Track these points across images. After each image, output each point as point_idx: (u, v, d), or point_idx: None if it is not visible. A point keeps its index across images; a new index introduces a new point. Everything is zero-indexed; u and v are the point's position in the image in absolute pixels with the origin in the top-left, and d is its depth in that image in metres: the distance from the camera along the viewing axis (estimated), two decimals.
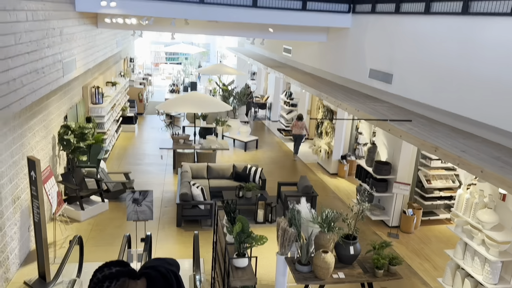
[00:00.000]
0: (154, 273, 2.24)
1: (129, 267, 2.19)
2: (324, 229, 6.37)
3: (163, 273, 2.26)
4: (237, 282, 4.26)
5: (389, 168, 8.93)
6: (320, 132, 12.65)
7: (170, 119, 16.01)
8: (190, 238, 8.18)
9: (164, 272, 2.27)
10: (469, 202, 6.29)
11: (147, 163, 12.22)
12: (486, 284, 5.82)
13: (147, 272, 2.24)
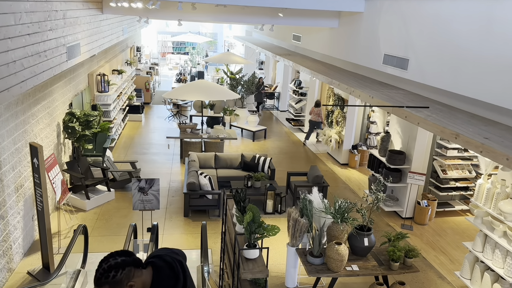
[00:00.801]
0: (160, 262, 2.25)
1: (134, 257, 2.19)
2: (337, 220, 6.12)
3: (169, 262, 2.27)
4: (247, 274, 4.02)
5: (403, 157, 8.62)
6: (330, 121, 12.33)
7: (177, 109, 15.78)
8: (197, 228, 7.98)
9: (170, 261, 2.28)
10: (490, 193, 5.98)
11: (154, 153, 12.02)
12: (508, 278, 5.54)
13: (153, 261, 2.25)
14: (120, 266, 2.11)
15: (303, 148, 13.31)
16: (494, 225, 5.84)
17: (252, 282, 4.34)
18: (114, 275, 2.10)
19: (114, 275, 2.10)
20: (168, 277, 2.26)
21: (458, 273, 6.60)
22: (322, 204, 6.24)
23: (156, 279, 2.22)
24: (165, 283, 2.23)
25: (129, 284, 2.12)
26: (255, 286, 4.28)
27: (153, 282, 2.21)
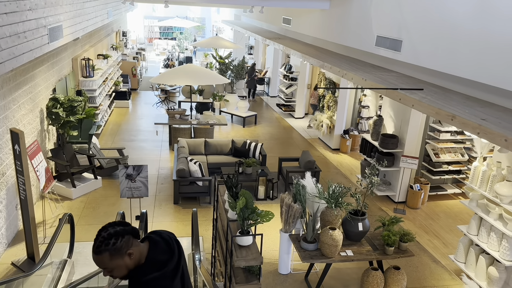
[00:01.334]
0: (157, 237, 2.33)
1: (132, 227, 2.25)
2: (331, 205, 5.99)
3: (165, 238, 2.36)
4: (241, 262, 3.87)
5: (396, 141, 8.51)
6: (322, 106, 12.17)
7: (165, 95, 15.45)
8: (188, 215, 7.81)
9: (166, 238, 2.37)
10: (486, 175, 5.90)
11: (142, 139, 11.75)
12: (503, 261, 5.49)
13: (150, 236, 2.34)
14: (120, 234, 2.15)
15: (294, 133, 13.15)
16: (489, 208, 5.77)
17: (246, 269, 4.20)
18: (114, 242, 2.13)
19: (114, 242, 2.13)
20: (164, 251, 2.32)
21: (453, 256, 6.56)
22: (315, 189, 6.10)
23: (152, 252, 2.27)
24: (160, 257, 2.28)
25: (128, 252, 2.17)
26: (249, 274, 4.14)
27: (149, 254, 2.26)
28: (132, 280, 2.26)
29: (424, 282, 6.31)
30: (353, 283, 6.19)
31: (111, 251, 2.13)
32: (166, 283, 2.27)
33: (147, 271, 2.24)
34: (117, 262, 2.16)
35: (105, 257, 2.13)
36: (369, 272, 5.72)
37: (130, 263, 2.20)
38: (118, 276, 2.23)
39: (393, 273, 5.73)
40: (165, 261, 2.30)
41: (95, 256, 2.15)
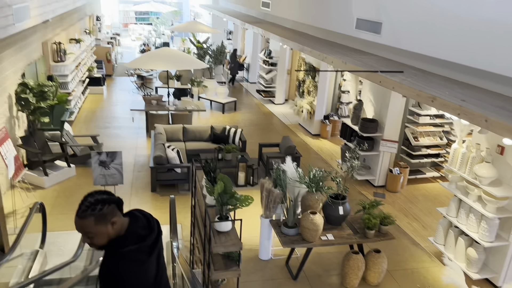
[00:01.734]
0: (138, 214, 2.41)
1: (118, 197, 2.33)
2: (312, 189, 5.91)
3: (145, 215, 2.44)
4: (220, 248, 3.73)
5: (375, 125, 8.47)
6: (302, 91, 12.05)
7: (141, 81, 15.04)
8: (166, 203, 7.58)
9: (148, 216, 2.46)
10: (465, 157, 5.90)
11: (118, 126, 11.40)
12: (482, 242, 5.52)
13: (131, 211, 2.41)
14: (106, 201, 2.20)
15: (274, 119, 13.02)
16: (468, 190, 5.79)
17: (225, 256, 4.07)
18: (100, 208, 2.16)
19: (100, 208, 2.16)
20: (144, 227, 2.37)
21: (432, 239, 6.59)
22: (296, 174, 5.99)
23: (132, 225, 2.32)
24: (140, 231, 2.33)
25: (112, 221, 2.21)
26: (228, 260, 4.01)
27: (129, 227, 2.30)
28: (109, 251, 2.27)
29: (404, 264, 6.33)
30: (334, 267, 6.16)
31: (96, 217, 2.15)
32: (142, 257, 2.30)
33: (126, 243, 2.26)
34: (100, 229, 2.18)
35: (89, 222, 2.15)
36: (350, 255, 5.69)
37: (111, 232, 2.23)
38: (98, 244, 2.23)
39: (374, 256, 5.72)
40: (144, 236, 2.33)
41: (79, 220, 2.16)
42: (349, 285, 5.72)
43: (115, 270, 2.25)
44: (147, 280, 2.35)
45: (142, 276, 2.31)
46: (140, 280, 2.29)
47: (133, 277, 2.26)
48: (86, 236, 2.21)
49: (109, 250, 2.27)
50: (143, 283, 2.31)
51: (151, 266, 2.39)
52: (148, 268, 2.36)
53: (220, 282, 4.18)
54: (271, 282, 5.75)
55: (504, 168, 5.58)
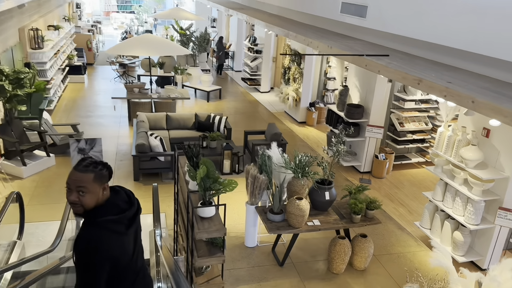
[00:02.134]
0: (120, 189, 2.46)
1: None
2: (297, 175, 5.81)
3: (128, 192, 2.48)
4: (203, 234, 3.61)
5: (361, 111, 8.41)
6: (287, 78, 11.92)
7: (123, 69, 14.70)
8: (149, 192, 7.41)
9: (129, 193, 2.50)
10: (451, 140, 5.87)
11: (99, 115, 11.12)
12: (468, 225, 5.52)
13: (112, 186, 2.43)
14: (106, 166, 2.33)
15: (259, 107, 12.87)
16: (454, 173, 5.77)
17: (209, 242, 3.95)
18: (101, 169, 2.27)
19: (101, 169, 2.27)
20: (124, 201, 2.41)
21: (418, 223, 6.59)
22: (282, 159, 5.89)
23: (112, 198, 2.36)
24: (120, 204, 2.37)
25: (104, 186, 2.29)
26: (212, 247, 3.89)
27: (110, 199, 2.35)
28: (88, 219, 2.28)
29: (390, 249, 6.31)
30: (321, 253, 6.10)
31: (96, 174, 2.23)
32: (121, 229, 2.31)
33: (105, 212, 2.28)
34: (95, 188, 2.23)
35: (88, 177, 2.21)
36: (336, 241, 5.63)
37: (100, 197, 2.28)
38: (85, 204, 2.24)
39: (360, 241, 5.67)
40: (124, 209, 2.37)
41: (79, 174, 2.21)
42: (336, 270, 5.68)
43: (93, 239, 2.22)
44: (124, 255, 2.33)
45: (119, 248, 2.30)
46: (116, 252, 2.27)
47: (110, 248, 2.24)
48: (79, 191, 2.21)
49: (88, 219, 2.28)
50: (119, 256, 2.29)
51: (128, 240, 2.39)
52: (125, 242, 2.35)
53: (204, 269, 4.07)
54: (257, 269, 5.67)
55: (490, 151, 5.56)
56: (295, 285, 5.43)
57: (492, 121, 4.67)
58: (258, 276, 5.53)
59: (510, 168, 5.30)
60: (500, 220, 5.04)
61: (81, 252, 2.22)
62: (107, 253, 2.22)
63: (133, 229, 2.43)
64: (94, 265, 2.20)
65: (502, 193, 5.40)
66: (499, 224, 5.07)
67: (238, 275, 5.53)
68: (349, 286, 5.48)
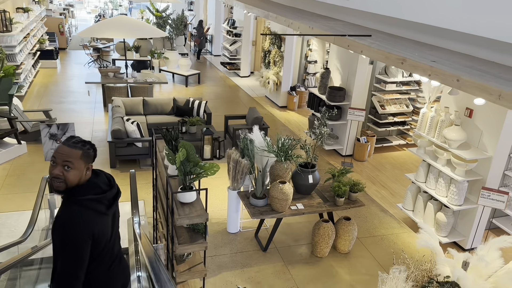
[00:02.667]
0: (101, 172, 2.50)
1: None
2: (280, 158, 5.67)
3: (106, 174, 2.52)
4: (184, 220, 3.43)
5: (343, 93, 8.30)
6: (267, 62, 11.70)
7: (97, 53, 14.18)
8: (126, 179, 7.13)
9: (109, 176, 2.53)
10: (434, 121, 5.82)
11: (73, 101, 10.70)
12: (452, 206, 5.51)
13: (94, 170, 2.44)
14: (93, 147, 2.37)
15: (240, 92, 12.65)
16: (437, 154, 5.73)
17: (190, 228, 3.78)
18: (89, 148, 2.33)
19: (89, 148, 2.33)
20: (104, 183, 2.44)
21: (401, 205, 6.57)
22: (264, 143, 5.74)
23: (93, 179, 2.39)
24: (101, 185, 2.40)
25: (88, 166, 2.34)
26: (194, 233, 3.73)
27: (91, 180, 2.37)
28: (68, 198, 2.28)
29: (373, 231, 6.28)
30: (304, 237, 6.02)
31: (84, 152, 2.28)
32: (101, 208, 2.33)
33: (87, 191, 2.31)
34: (80, 165, 2.27)
35: (76, 153, 2.25)
36: (320, 224, 5.55)
37: (83, 176, 2.31)
38: (69, 180, 2.25)
39: (344, 224, 5.61)
40: (105, 190, 2.40)
41: (67, 148, 2.24)
42: (320, 254, 5.61)
43: (73, 217, 2.22)
44: (103, 236, 2.35)
45: (99, 227, 2.31)
46: (97, 231, 2.28)
47: (91, 225, 2.25)
48: (65, 166, 2.23)
49: (69, 198, 2.29)
50: (99, 236, 2.30)
51: (107, 222, 2.40)
52: (105, 222, 2.37)
53: (186, 257, 3.90)
54: (240, 255, 5.54)
55: (473, 131, 5.54)
56: (279, 269, 5.34)
57: (477, 100, 4.62)
58: (241, 262, 5.41)
59: (492, 148, 5.30)
60: (483, 200, 5.04)
61: (62, 231, 2.20)
62: (88, 231, 2.24)
63: (112, 211, 2.47)
64: (75, 244, 2.19)
65: (485, 173, 5.40)
66: (482, 204, 5.07)
67: (220, 261, 5.40)
68: (333, 269, 5.43)
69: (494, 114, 5.28)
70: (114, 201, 2.46)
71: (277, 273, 5.28)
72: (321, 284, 5.14)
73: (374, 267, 5.50)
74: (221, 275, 5.17)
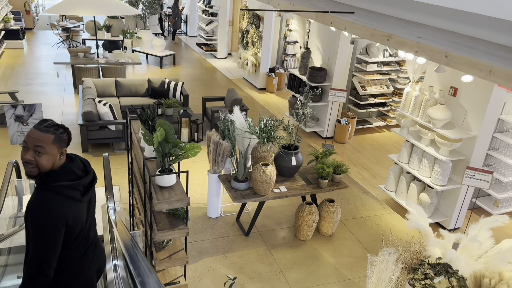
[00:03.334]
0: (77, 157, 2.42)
1: None
2: (263, 140, 5.46)
3: (82, 160, 2.44)
4: (163, 205, 3.19)
5: (324, 74, 8.12)
6: (245, 42, 11.38)
7: (66, 33, 13.48)
8: (99, 164, 6.80)
9: (85, 162, 2.44)
10: (418, 100, 5.71)
11: (41, 83, 10.13)
12: (435, 186, 5.46)
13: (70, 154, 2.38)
14: (66, 131, 2.28)
15: (217, 74, 12.30)
16: (421, 134, 5.65)
17: (170, 214, 3.54)
18: (62, 132, 2.23)
19: (62, 132, 2.23)
20: (79, 169, 2.35)
21: (383, 186, 6.50)
22: (245, 124, 5.50)
23: (68, 164, 2.30)
24: (76, 171, 2.31)
25: (62, 150, 2.26)
26: (174, 218, 3.49)
27: (65, 165, 2.29)
28: (41, 184, 2.21)
29: (356, 213, 6.20)
30: (287, 220, 5.88)
31: (56, 136, 2.19)
32: (75, 195, 2.26)
33: (60, 177, 2.23)
34: (53, 150, 2.19)
35: (48, 138, 2.17)
36: (303, 207, 5.40)
37: (57, 161, 2.23)
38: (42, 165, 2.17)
39: (328, 206, 5.48)
40: (80, 176, 2.32)
41: (39, 133, 2.15)
42: (303, 237, 5.48)
43: (46, 203, 2.15)
44: (77, 223, 2.28)
45: (74, 214, 2.24)
46: (70, 218, 2.22)
47: (64, 213, 2.19)
48: (37, 151, 2.15)
49: (42, 183, 2.21)
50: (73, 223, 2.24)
51: (82, 208, 2.34)
52: (79, 209, 2.30)
53: (166, 244, 3.67)
54: (222, 240, 5.35)
55: (457, 110, 5.46)
56: (262, 254, 5.18)
57: (466, 77, 4.51)
58: (223, 248, 5.22)
59: (477, 127, 5.24)
60: (468, 180, 4.99)
61: (34, 218, 2.13)
62: (62, 218, 2.17)
63: (88, 198, 2.40)
64: (48, 231, 2.13)
65: (469, 153, 5.35)
66: (467, 184, 5.02)
67: (201, 247, 5.19)
68: (317, 252, 5.31)
69: (479, 93, 5.21)
70: (90, 188, 2.39)
71: (260, 257, 5.12)
72: (305, 268, 5.02)
73: (358, 249, 5.42)
74: (202, 261, 4.97)
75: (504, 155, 5.61)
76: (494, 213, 5.76)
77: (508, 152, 5.62)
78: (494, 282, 3.12)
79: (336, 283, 4.84)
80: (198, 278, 4.71)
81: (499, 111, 5.33)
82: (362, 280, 4.89)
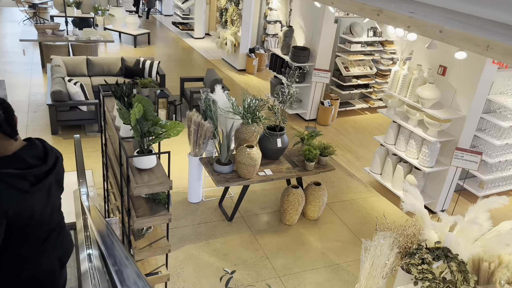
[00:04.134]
0: (38, 143, 2.24)
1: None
2: (247, 121, 5.18)
3: (46, 147, 2.26)
4: (142, 189, 2.88)
5: (307, 53, 7.86)
6: (224, 21, 10.95)
7: (33, 10, 12.67)
8: (70, 147, 6.41)
9: (48, 148, 2.28)
10: (406, 79, 5.54)
11: (6, 62, 9.46)
12: (423, 168, 5.33)
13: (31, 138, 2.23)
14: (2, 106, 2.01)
15: (195, 54, 11.85)
16: (409, 114, 5.49)
17: (150, 199, 3.24)
18: None
19: None
20: (36, 157, 2.17)
21: (368, 168, 6.36)
22: (228, 104, 5.20)
23: (22, 151, 2.12)
24: (29, 159, 2.12)
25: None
26: (154, 204, 3.19)
27: (18, 151, 2.10)
28: None
29: (342, 196, 6.04)
30: (271, 205, 5.66)
31: None
32: (23, 185, 2.05)
33: (7, 165, 2.04)
34: None
35: None
36: (289, 190, 5.18)
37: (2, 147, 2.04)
38: None
39: (314, 189, 5.29)
40: (32, 165, 2.12)
41: None
42: (289, 221, 5.28)
43: None
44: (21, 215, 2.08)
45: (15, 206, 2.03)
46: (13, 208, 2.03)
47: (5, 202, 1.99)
48: None
49: None
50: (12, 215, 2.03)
51: (34, 199, 2.14)
52: (27, 199, 2.10)
53: (145, 231, 3.38)
54: (204, 226, 5.09)
55: (446, 90, 5.32)
56: (247, 239, 4.96)
57: (459, 54, 4.33)
58: (205, 234, 4.96)
59: (466, 107, 5.11)
60: (457, 161, 4.87)
61: None
62: (5, 209, 1.99)
63: (43, 187, 2.17)
64: None
65: (458, 134, 5.24)
66: (456, 165, 4.91)
67: (182, 234, 4.91)
68: (303, 237, 5.13)
69: (468, 72, 5.07)
70: (46, 177, 2.18)
71: (245, 243, 4.90)
72: (291, 253, 4.83)
73: (344, 233, 5.27)
74: (183, 248, 4.70)
75: (490, 136, 5.53)
76: (480, 195, 5.71)
77: (495, 133, 5.54)
78: (494, 266, 2.99)
79: (324, 268, 4.67)
80: (180, 266, 4.45)
81: (487, 91, 5.22)
82: (350, 265, 4.74)
